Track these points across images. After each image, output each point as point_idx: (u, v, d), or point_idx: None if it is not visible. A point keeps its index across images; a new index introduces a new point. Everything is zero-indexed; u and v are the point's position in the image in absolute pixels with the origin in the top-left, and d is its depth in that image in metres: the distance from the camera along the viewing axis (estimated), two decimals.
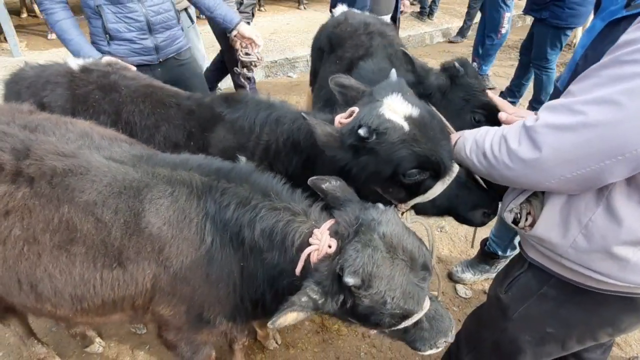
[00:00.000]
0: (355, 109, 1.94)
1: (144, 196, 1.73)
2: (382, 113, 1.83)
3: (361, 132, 1.78)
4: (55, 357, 2.78)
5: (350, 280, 1.41)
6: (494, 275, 3.68)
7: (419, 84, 2.41)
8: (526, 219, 1.66)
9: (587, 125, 1.24)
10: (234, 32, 3.40)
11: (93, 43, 3.16)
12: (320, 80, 3.75)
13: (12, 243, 1.72)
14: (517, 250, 3.50)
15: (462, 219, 2.00)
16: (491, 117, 2.29)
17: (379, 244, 1.48)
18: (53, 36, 7.86)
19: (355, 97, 2.07)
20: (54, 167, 1.74)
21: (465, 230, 4.25)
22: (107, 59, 2.81)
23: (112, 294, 1.80)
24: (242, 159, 2.27)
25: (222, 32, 4.26)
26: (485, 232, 4.07)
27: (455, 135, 1.94)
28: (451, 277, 3.76)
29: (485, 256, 3.64)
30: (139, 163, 1.85)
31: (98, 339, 2.99)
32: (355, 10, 4.03)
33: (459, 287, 3.69)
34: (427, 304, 1.60)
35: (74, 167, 1.76)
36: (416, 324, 1.62)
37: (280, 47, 8.26)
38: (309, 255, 1.57)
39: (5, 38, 7.29)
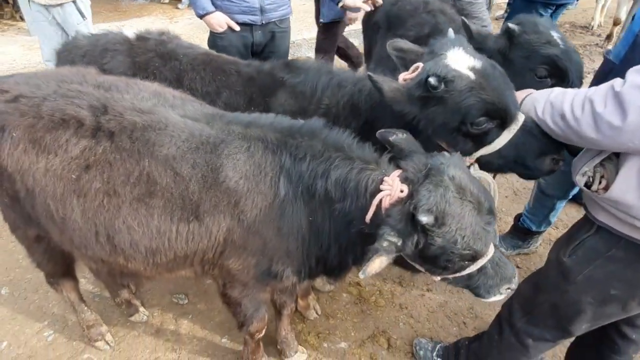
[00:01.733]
0: (420, 64, 1.96)
1: (221, 151, 1.77)
2: (448, 63, 1.86)
3: (431, 80, 1.80)
4: (102, 325, 2.84)
5: (424, 218, 1.45)
6: (526, 250, 3.69)
7: (479, 49, 2.38)
8: (600, 182, 1.66)
9: None
10: None
11: None
12: (376, 58, 3.79)
13: (92, 196, 1.77)
14: (549, 226, 3.51)
15: (528, 171, 1.97)
16: (555, 70, 2.26)
17: (449, 184, 1.51)
18: None
19: (414, 59, 2.09)
20: (134, 122, 1.78)
21: (499, 203, 4.21)
22: (160, 28, 2.83)
23: (185, 247, 1.85)
24: (310, 120, 2.29)
25: None
26: (519, 207, 4.08)
27: (521, 93, 1.94)
28: None
29: (519, 231, 3.63)
30: (213, 120, 1.90)
31: (142, 308, 3.02)
32: None
33: None
34: (492, 249, 1.62)
35: (152, 122, 1.80)
36: (481, 269, 1.64)
37: (298, 28, 8.31)
38: (380, 202, 1.60)
39: (21, 17, 7.35)
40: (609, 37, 8.45)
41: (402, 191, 1.57)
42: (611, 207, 1.64)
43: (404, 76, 1.99)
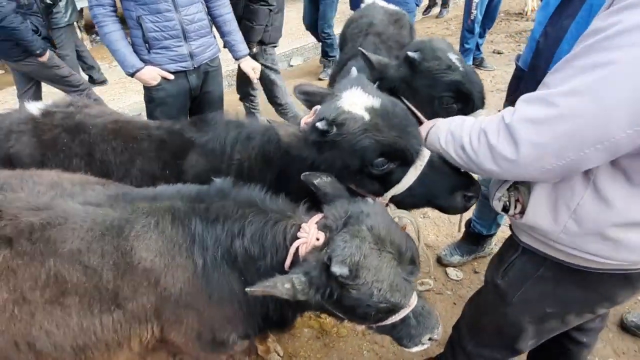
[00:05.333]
0: (317, 107, 1.96)
1: (128, 233, 1.74)
2: (339, 105, 1.85)
3: (319, 125, 1.79)
4: None
5: (337, 269, 1.44)
6: (482, 254, 3.77)
7: (381, 79, 2.42)
8: (515, 206, 1.67)
9: (563, 117, 1.23)
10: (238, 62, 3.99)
11: (135, 53, 3.45)
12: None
13: (1, 308, 1.70)
14: (501, 227, 3.58)
15: (444, 207, 1.97)
16: (459, 96, 2.28)
17: (366, 235, 1.51)
18: None
19: (319, 101, 2.09)
20: (31, 223, 1.73)
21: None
22: (68, 98, 2.78)
23: (115, 336, 1.80)
24: (217, 181, 2.28)
25: None
26: (469, 213, 4.14)
27: (427, 125, 1.93)
28: (440, 262, 3.80)
29: (471, 237, 3.69)
30: (115, 202, 1.85)
31: None
32: (380, 2, 4.06)
33: (450, 270, 3.74)
34: (414, 300, 1.62)
35: (51, 219, 1.75)
36: (403, 319, 1.63)
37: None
38: (297, 250, 1.60)
39: None
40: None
41: (317, 239, 1.57)
42: (530, 231, 1.66)
43: (304, 120, 1.99)
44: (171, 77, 3.51)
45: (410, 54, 2.32)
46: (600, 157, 1.26)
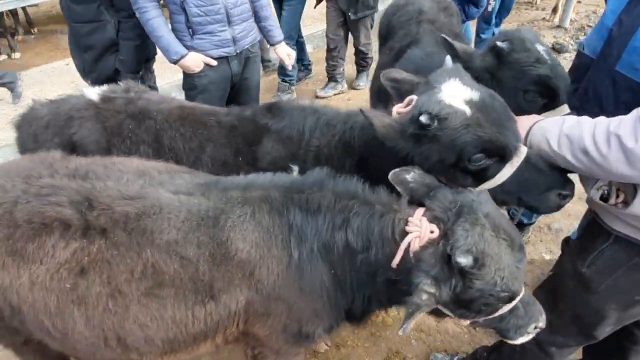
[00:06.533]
0: (413, 97, 1.90)
1: (224, 223, 1.69)
2: (441, 99, 1.79)
3: (422, 119, 1.74)
4: None
5: (463, 260, 1.40)
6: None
7: (465, 69, 2.33)
8: (617, 196, 1.63)
9: None
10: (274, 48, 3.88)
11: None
12: (375, 71, 3.81)
13: (94, 302, 1.64)
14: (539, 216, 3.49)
15: (535, 205, 1.92)
16: (546, 90, 2.22)
17: (485, 222, 1.48)
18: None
19: (409, 90, 2.03)
20: (126, 213, 1.66)
21: None
22: (125, 83, 2.68)
23: (204, 328, 1.76)
24: (295, 168, 2.22)
25: None
26: None
27: (524, 122, 1.88)
28: None
29: None
30: (208, 190, 1.80)
31: None
32: None
33: None
34: (523, 288, 1.59)
35: (145, 208, 1.69)
36: (512, 309, 1.61)
37: None
38: (407, 245, 1.54)
39: None
40: (554, 10, 8.58)
41: (432, 232, 1.52)
42: (633, 221, 1.62)
43: (396, 109, 1.93)
44: (215, 63, 3.43)
45: (499, 43, 2.25)
46: None
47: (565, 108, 2.28)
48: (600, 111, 2.22)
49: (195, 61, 3.35)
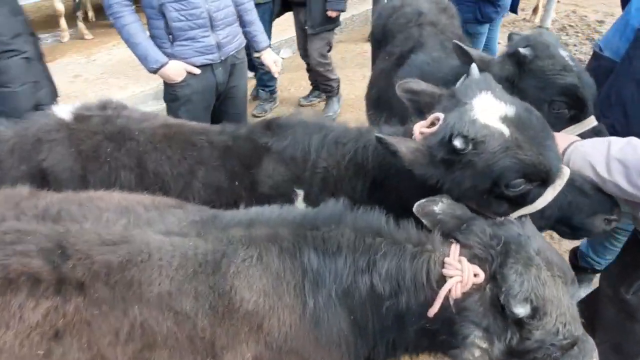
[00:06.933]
0: (439, 115, 1.66)
1: (226, 269, 1.45)
2: (475, 118, 1.57)
3: (457, 143, 1.53)
4: None
5: (521, 310, 1.24)
6: None
7: None
8: None
9: None
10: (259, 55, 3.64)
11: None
12: (372, 78, 3.54)
13: None
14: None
15: (575, 230, 1.75)
16: (573, 102, 2.02)
17: (539, 261, 1.31)
18: None
19: (430, 103, 1.81)
20: (108, 262, 1.39)
21: None
22: (100, 100, 2.38)
23: None
24: (300, 193, 1.99)
25: None
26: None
27: (561, 141, 1.72)
28: None
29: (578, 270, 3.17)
30: (205, 229, 1.55)
31: None
32: None
33: None
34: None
35: (131, 255, 1.42)
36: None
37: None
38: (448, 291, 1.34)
39: None
40: (535, 11, 8.60)
41: (476, 275, 1.32)
42: None
43: (419, 129, 1.69)
44: (198, 71, 3.16)
45: (521, 50, 2.07)
46: None
47: (592, 120, 2.10)
48: (624, 117, 2.06)
49: (176, 70, 3.09)
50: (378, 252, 1.45)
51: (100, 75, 6.65)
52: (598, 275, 3.13)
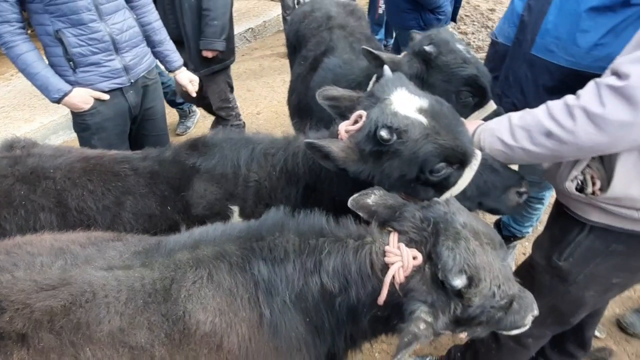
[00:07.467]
0: (362, 112, 1.75)
1: (177, 295, 1.42)
2: (396, 110, 1.69)
3: (383, 134, 1.62)
4: None
5: (458, 282, 1.31)
6: None
7: None
8: (593, 183, 1.63)
9: None
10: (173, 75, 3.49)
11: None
12: (291, 83, 3.56)
13: None
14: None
15: (496, 207, 1.89)
16: (476, 90, 2.22)
17: (466, 234, 1.39)
18: None
19: (351, 106, 1.88)
20: (49, 308, 1.31)
21: None
22: (5, 140, 2.21)
23: None
24: (235, 209, 1.98)
25: None
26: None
27: (470, 126, 1.86)
28: None
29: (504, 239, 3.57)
30: (149, 259, 1.50)
31: None
32: None
33: None
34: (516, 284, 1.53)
35: (73, 297, 1.35)
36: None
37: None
38: (392, 277, 1.40)
39: None
40: None
41: (414, 257, 1.39)
42: (610, 205, 1.62)
43: (344, 128, 1.77)
44: (106, 97, 2.98)
45: (427, 48, 2.21)
46: None
47: (492, 105, 2.31)
48: (522, 95, 2.29)
49: (82, 97, 2.89)
50: (323, 252, 1.48)
51: (0, 110, 6.09)
52: (521, 241, 3.59)
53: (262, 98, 6.46)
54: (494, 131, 1.73)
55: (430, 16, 4.51)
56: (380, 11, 6.53)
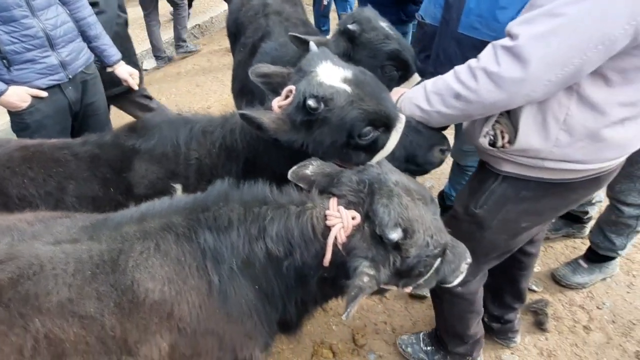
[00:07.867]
0: (292, 87, 1.87)
1: (124, 265, 1.47)
2: (322, 81, 1.81)
3: (310, 103, 1.73)
4: None
5: (394, 235, 1.41)
6: None
7: None
8: (502, 137, 1.79)
9: (571, 23, 1.37)
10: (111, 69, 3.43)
11: None
12: (233, 71, 3.62)
13: None
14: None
15: (422, 164, 2.03)
16: (399, 64, 2.37)
17: (398, 191, 1.50)
18: None
19: (281, 82, 1.99)
20: None
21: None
22: None
23: None
24: (178, 187, 2.05)
25: None
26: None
27: (394, 96, 1.99)
28: None
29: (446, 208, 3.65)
30: (96, 233, 1.55)
31: None
32: None
33: None
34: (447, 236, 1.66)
35: (21, 270, 1.40)
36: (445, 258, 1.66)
37: None
38: (334, 239, 1.50)
39: None
40: None
41: (353, 218, 1.49)
42: (519, 156, 1.79)
43: (276, 103, 1.88)
44: (45, 94, 2.96)
45: (350, 26, 2.34)
46: (599, 58, 1.43)
47: (416, 77, 2.48)
48: None
49: (19, 95, 2.85)
50: (266, 218, 1.55)
51: None
52: None
53: (212, 92, 6.49)
54: (412, 99, 1.87)
55: (411, 7, 4.49)
56: (326, 2, 6.58)
